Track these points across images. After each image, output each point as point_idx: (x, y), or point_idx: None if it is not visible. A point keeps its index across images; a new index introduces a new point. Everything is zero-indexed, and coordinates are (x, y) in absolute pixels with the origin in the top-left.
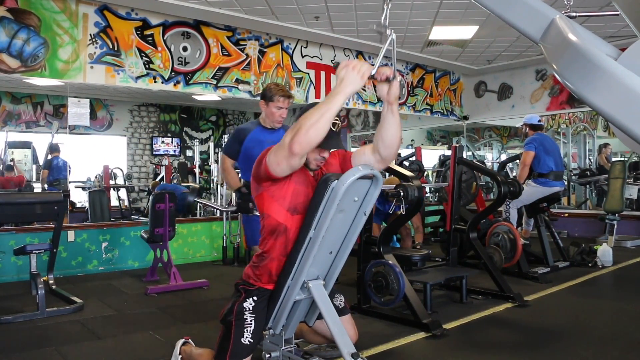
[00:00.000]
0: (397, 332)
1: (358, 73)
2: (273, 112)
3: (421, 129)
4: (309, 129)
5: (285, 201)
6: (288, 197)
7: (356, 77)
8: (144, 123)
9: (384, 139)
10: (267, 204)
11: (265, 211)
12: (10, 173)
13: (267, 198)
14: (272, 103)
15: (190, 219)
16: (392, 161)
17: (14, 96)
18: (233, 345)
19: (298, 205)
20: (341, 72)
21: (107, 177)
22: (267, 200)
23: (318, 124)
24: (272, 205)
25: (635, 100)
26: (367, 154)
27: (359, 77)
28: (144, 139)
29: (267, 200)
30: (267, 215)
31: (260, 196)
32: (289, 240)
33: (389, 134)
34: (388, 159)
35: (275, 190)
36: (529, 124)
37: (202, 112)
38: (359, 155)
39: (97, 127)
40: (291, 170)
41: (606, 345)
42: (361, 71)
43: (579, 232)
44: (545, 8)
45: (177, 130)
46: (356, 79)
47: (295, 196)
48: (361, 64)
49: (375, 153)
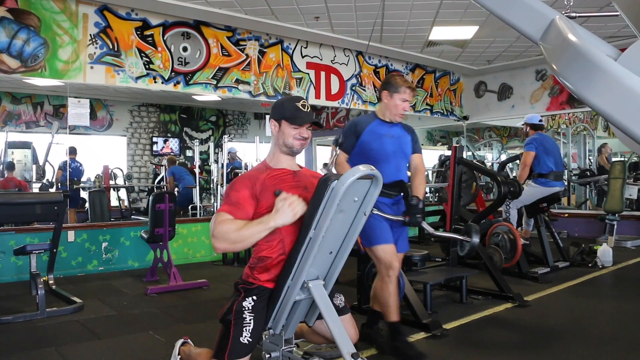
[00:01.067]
0: None
1: (292, 211)
2: (397, 105)
3: (421, 129)
4: (234, 244)
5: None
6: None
7: (289, 213)
8: (144, 123)
9: None
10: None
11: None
12: (11, 173)
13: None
14: (397, 95)
15: (190, 219)
16: None
17: (14, 96)
18: (232, 344)
19: None
20: (279, 203)
21: (107, 177)
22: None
23: (245, 242)
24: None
25: (635, 100)
26: None
27: (291, 215)
28: (144, 139)
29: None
30: None
31: None
32: (286, 243)
33: None
34: None
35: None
36: (530, 124)
37: (202, 113)
38: None
39: (97, 127)
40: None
41: (606, 345)
42: (295, 210)
43: (579, 232)
44: (545, 8)
45: (177, 130)
46: (289, 215)
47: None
48: (297, 202)
49: None
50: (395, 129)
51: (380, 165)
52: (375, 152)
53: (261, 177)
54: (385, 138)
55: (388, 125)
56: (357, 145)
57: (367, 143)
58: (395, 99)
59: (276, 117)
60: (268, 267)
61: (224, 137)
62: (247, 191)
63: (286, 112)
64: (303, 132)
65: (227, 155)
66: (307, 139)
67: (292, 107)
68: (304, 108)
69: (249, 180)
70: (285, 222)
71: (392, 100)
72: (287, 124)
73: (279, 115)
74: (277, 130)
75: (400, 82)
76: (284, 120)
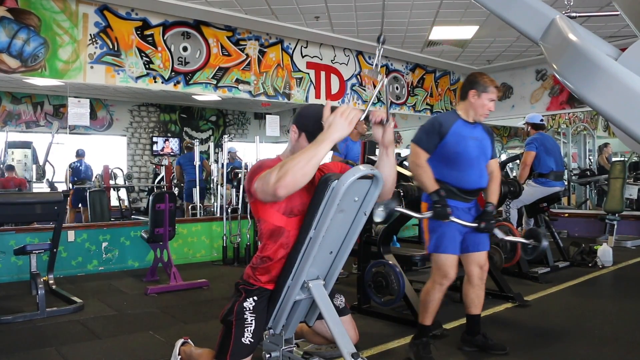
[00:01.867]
0: (397, 332)
1: (346, 120)
2: (484, 105)
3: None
4: (295, 174)
5: (280, 206)
6: (282, 202)
7: (344, 123)
8: (144, 123)
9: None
10: (262, 210)
11: (261, 216)
12: (11, 173)
13: (260, 205)
14: (485, 94)
15: (190, 219)
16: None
17: (14, 96)
18: (233, 345)
19: (294, 207)
20: (329, 118)
21: (107, 177)
22: (260, 207)
23: (305, 169)
24: (267, 212)
25: (635, 100)
26: None
27: (347, 124)
28: (144, 139)
29: (260, 207)
30: (263, 221)
31: (254, 203)
32: (289, 242)
33: (385, 174)
34: (383, 196)
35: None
36: (531, 123)
37: (202, 112)
38: None
39: (97, 127)
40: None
41: (606, 345)
42: (349, 118)
43: (579, 232)
44: (545, 8)
45: (177, 130)
46: (344, 125)
47: (289, 200)
48: (350, 109)
49: None
50: (478, 130)
51: (465, 170)
52: (460, 157)
53: None
54: (469, 141)
55: (471, 127)
56: (440, 146)
57: (451, 145)
58: (483, 99)
59: (299, 126)
60: (270, 268)
61: (224, 137)
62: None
63: (309, 127)
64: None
65: (227, 155)
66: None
67: (318, 127)
68: None
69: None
70: (342, 135)
71: (479, 100)
72: (306, 141)
73: (303, 127)
74: (296, 138)
75: (488, 82)
76: (305, 134)
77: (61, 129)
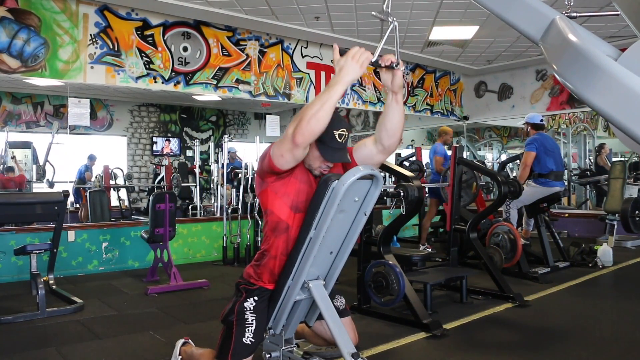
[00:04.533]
0: (397, 332)
1: (357, 62)
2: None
3: (421, 129)
4: (310, 118)
5: (289, 199)
6: (292, 194)
7: (355, 66)
8: (144, 123)
9: (387, 128)
10: (271, 200)
11: (269, 207)
12: (11, 173)
13: (270, 194)
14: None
15: (190, 219)
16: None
17: (14, 96)
18: (234, 345)
19: (300, 204)
20: (340, 61)
21: (107, 177)
22: (270, 196)
23: (319, 114)
24: (275, 202)
25: (635, 100)
26: (368, 146)
27: (358, 66)
28: (144, 139)
29: (270, 196)
30: (270, 212)
31: (264, 192)
32: (290, 239)
33: (393, 122)
34: (391, 148)
35: (280, 187)
36: (531, 123)
37: (202, 112)
38: (360, 148)
39: (97, 127)
40: (295, 161)
41: (606, 345)
42: (360, 60)
43: (579, 232)
44: (545, 8)
45: (177, 130)
46: (355, 68)
47: (298, 194)
48: (361, 52)
49: (377, 144)
50: None
51: None
52: None
53: None
54: None
55: None
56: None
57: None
58: None
59: None
60: (270, 265)
61: (224, 137)
62: None
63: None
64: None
65: (227, 155)
66: (330, 167)
67: (329, 135)
68: (340, 139)
69: None
70: (354, 77)
71: None
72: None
73: None
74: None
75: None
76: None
77: (61, 129)
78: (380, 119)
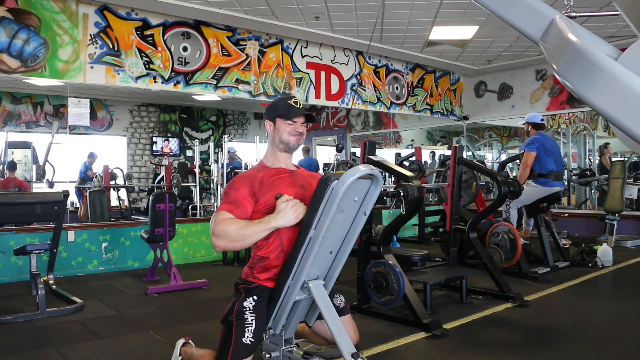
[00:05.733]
0: (397, 332)
1: (294, 213)
2: None
3: (421, 129)
4: (235, 242)
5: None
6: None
7: (291, 215)
8: (144, 123)
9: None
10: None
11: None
12: (13, 173)
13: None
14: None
15: (190, 219)
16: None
17: (14, 96)
18: (234, 345)
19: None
20: (281, 205)
21: (107, 177)
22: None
23: (244, 242)
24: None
25: (635, 100)
26: None
27: (293, 217)
28: (144, 139)
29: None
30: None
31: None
32: (283, 241)
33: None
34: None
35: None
36: (531, 123)
37: (202, 112)
38: None
39: (97, 127)
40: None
41: (606, 345)
42: (297, 212)
43: (579, 232)
44: (545, 8)
45: (177, 130)
46: (291, 216)
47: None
48: (299, 204)
49: None
50: None
51: None
52: None
53: (259, 176)
54: None
55: None
56: None
57: None
58: None
59: (270, 117)
60: (267, 266)
61: (224, 137)
62: (246, 189)
63: (279, 110)
64: (298, 127)
65: (227, 155)
66: (302, 134)
67: (284, 105)
68: (296, 104)
69: (248, 179)
70: (286, 224)
71: None
72: (281, 121)
73: (273, 114)
74: (273, 129)
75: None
76: (278, 118)
77: (61, 129)
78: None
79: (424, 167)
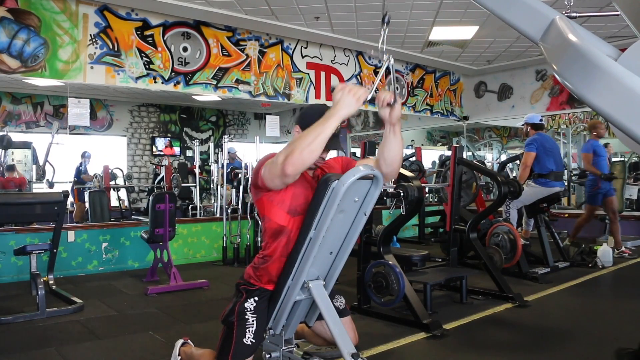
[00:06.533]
0: (397, 332)
1: (354, 96)
2: None
3: (421, 129)
4: (302, 150)
5: (285, 204)
6: (287, 200)
7: (352, 100)
8: (144, 123)
9: (385, 157)
10: (267, 208)
11: (266, 214)
12: (12, 173)
13: (266, 202)
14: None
15: (190, 219)
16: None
17: (14, 96)
18: (235, 345)
19: (298, 207)
20: (337, 94)
21: (107, 178)
22: (266, 204)
23: (312, 146)
24: (272, 209)
25: (635, 100)
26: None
27: (355, 101)
28: (144, 139)
29: (266, 204)
30: (267, 219)
31: (260, 201)
32: (291, 241)
33: (392, 153)
34: (390, 175)
35: (274, 195)
36: (530, 123)
37: (202, 113)
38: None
39: (97, 128)
40: (285, 185)
41: (606, 345)
42: (357, 95)
43: (579, 233)
44: (545, 8)
45: (177, 130)
46: (352, 102)
47: (295, 198)
48: (357, 87)
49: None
50: None
51: None
52: None
53: None
54: None
55: None
56: None
57: None
58: None
59: (303, 127)
60: (270, 268)
61: (224, 137)
62: None
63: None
64: (324, 154)
65: (227, 156)
66: (324, 159)
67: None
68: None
69: None
70: (350, 111)
71: None
72: None
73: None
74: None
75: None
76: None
77: (61, 129)
78: (380, 148)
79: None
